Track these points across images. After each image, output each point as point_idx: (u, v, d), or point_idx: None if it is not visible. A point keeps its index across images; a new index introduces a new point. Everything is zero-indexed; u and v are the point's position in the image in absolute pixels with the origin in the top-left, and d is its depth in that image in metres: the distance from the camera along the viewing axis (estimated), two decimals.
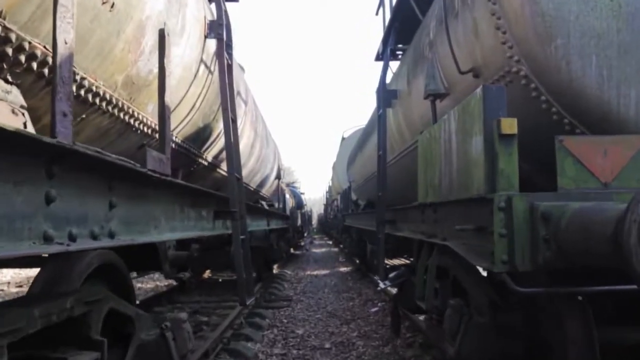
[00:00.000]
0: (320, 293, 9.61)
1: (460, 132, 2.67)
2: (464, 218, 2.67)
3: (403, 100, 5.30)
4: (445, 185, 2.98)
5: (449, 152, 2.90)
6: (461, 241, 2.80)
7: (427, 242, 3.63)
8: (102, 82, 2.48)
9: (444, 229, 3.20)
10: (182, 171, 4.51)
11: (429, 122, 4.17)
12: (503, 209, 2.15)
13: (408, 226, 4.59)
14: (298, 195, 23.95)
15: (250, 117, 6.36)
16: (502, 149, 2.19)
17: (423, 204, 3.68)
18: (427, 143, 3.50)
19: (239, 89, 5.31)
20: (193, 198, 2.92)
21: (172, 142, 3.81)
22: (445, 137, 2.99)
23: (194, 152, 4.48)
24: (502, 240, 2.14)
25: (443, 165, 3.03)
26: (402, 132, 5.70)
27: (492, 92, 2.29)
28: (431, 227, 3.56)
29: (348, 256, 16.40)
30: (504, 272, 2.13)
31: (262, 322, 6.84)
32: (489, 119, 2.27)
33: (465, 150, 2.57)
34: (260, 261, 10.16)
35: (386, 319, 6.83)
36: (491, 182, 2.24)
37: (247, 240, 3.87)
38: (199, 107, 3.95)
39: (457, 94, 3.63)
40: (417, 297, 3.66)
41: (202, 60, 3.71)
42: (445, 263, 3.39)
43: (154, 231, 2.16)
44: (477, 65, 3.12)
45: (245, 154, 6.50)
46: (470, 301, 2.89)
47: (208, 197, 3.31)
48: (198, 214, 3.03)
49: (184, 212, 2.68)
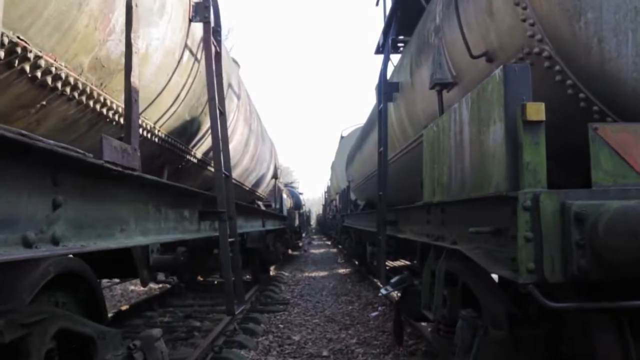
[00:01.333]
0: (318, 296, 9.29)
1: (474, 121, 2.35)
2: (478, 219, 2.35)
3: (405, 94, 4.98)
4: (456, 183, 2.66)
5: (460, 146, 2.58)
6: (474, 245, 2.48)
7: (434, 246, 3.31)
8: (64, 63, 2.15)
9: (454, 231, 2.88)
10: (169, 168, 4.18)
11: (434, 116, 3.85)
12: (529, 209, 1.82)
13: (411, 227, 4.27)
14: (296, 195, 23.62)
15: (243, 113, 6.03)
16: (527, 139, 1.87)
17: (429, 204, 3.36)
18: (433, 137, 3.17)
19: (231, 81, 4.99)
20: (173, 197, 2.60)
21: (155, 135, 3.49)
22: (455, 129, 2.67)
23: (181, 148, 4.15)
24: (527, 246, 1.82)
25: (453, 161, 2.71)
26: (404, 128, 5.37)
27: (515, 72, 1.97)
28: (438, 228, 3.24)
29: (347, 257, 16.08)
30: (530, 284, 1.81)
31: (257, 328, 6.52)
32: (511, 104, 1.94)
33: (480, 142, 2.25)
34: (256, 263, 9.85)
35: (387, 325, 6.51)
36: (514, 178, 1.92)
37: (237, 243, 3.55)
38: (184, 98, 3.63)
39: (467, 83, 3.31)
40: (423, 306, 3.34)
41: (187, 46, 3.38)
42: (454, 269, 3.07)
43: (119, 235, 1.84)
44: (491, 49, 2.79)
45: (238, 151, 6.18)
46: (484, 312, 2.57)
47: (192, 196, 2.98)
48: (179, 215, 2.71)
49: (160, 213, 2.35)
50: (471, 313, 2.55)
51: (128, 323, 6.99)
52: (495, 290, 2.68)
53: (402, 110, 5.23)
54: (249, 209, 5.92)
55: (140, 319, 7.32)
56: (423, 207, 3.64)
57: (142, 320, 7.27)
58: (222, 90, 3.76)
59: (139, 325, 6.89)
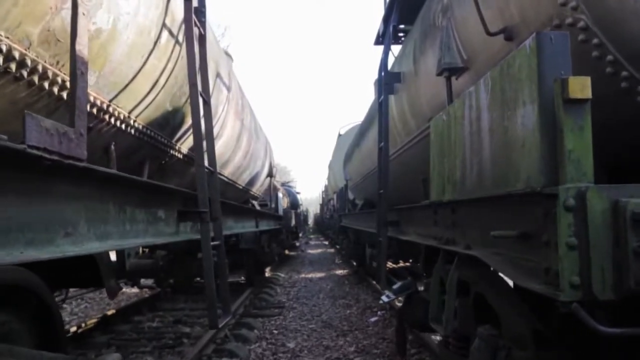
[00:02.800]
0: (314, 299, 8.92)
1: (495, 105, 1.99)
2: (499, 221, 1.99)
3: (408, 84, 4.61)
4: (471, 179, 2.30)
5: (476, 135, 2.22)
6: (493, 251, 2.12)
7: (443, 250, 2.95)
8: (3, 32, 1.78)
9: (467, 234, 2.52)
10: (150, 164, 3.81)
11: (440, 107, 3.49)
12: (572, 209, 1.46)
13: (415, 229, 3.91)
14: (293, 195, 23.23)
15: (234, 107, 5.66)
16: (569, 121, 1.51)
17: (437, 203, 3.00)
18: (443, 127, 2.81)
19: (220, 71, 4.62)
20: (143, 194, 2.23)
21: (131, 126, 3.12)
22: (471, 116, 2.31)
23: (163, 142, 3.78)
24: (571, 255, 1.46)
25: (467, 153, 2.35)
26: (406, 122, 5.01)
27: (551, 41, 1.61)
28: (447, 230, 2.88)
29: (345, 258, 15.72)
30: (574, 302, 1.45)
31: (250, 334, 6.15)
32: (546, 80, 1.59)
33: (504, 129, 1.89)
34: (250, 265, 9.48)
35: (387, 331, 6.15)
36: (551, 171, 1.56)
37: (223, 247, 3.18)
38: (164, 85, 3.26)
39: (480, 67, 2.95)
40: (431, 318, 2.98)
41: (166, 25, 3.01)
42: (466, 277, 2.72)
43: (62, 241, 1.48)
44: (510, 24, 2.43)
45: (229, 147, 5.81)
46: (505, 329, 2.21)
47: (169, 194, 2.62)
48: (152, 216, 2.34)
49: (125, 213, 1.99)
50: (490, 330, 2.19)
51: (114, 329, 6.63)
52: (517, 304, 2.32)
53: (404, 103, 4.86)
54: (239, 209, 5.55)
55: (127, 325, 6.95)
56: (429, 206, 3.28)
57: (129, 325, 6.90)
58: (207, 78, 3.39)
59: (125, 331, 6.53)
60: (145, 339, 6.16)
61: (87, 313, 8.32)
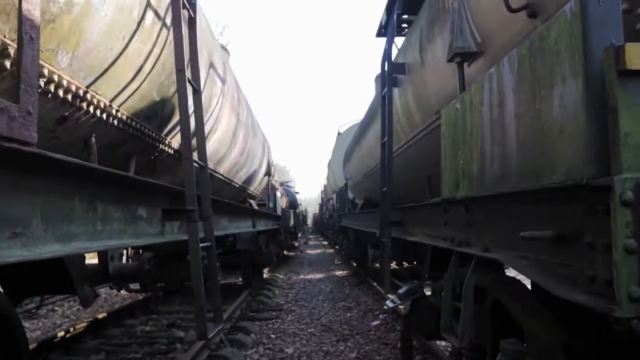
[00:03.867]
0: (314, 301, 8.65)
1: (524, 85, 1.72)
2: (531, 219, 1.72)
3: (414, 75, 4.34)
4: (492, 172, 2.03)
5: (499, 122, 1.95)
6: (518, 254, 1.85)
7: (456, 253, 2.69)
8: None
9: (485, 235, 2.26)
10: (137, 159, 3.54)
11: (449, 97, 3.22)
12: (630, 204, 1.20)
13: (422, 229, 3.64)
14: (292, 194, 22.95)
15: (230, 100, 5.38)
16: (625, 98, 1.24)
17: (448, 200, 2.73)
18: (456, 117, 2.54)
19: (213, 61, 4.35)
20: (119, 189, 1.96)
21: (113, 117, 2.85)
22: (491, 101, 2.04)
23: (152, 135, 3.50)
24: (630, 261, 1.19)
25: (487, 144, 2.08)
26: (410, 116, 4.74)
27: (599, 3, 1.34)
28: (461, 231, 2.61)
29: (344, 259, 15.45)
30: (635, 319, 1.18)
31: (246, 339, 5.88)
32: (594, 49, 1.32)
33: (536, 112, 1.62)
34: (247, 266, 9.21)
35: (390, 336, 5.89)
36: (601, 158, 1.29)
37: (214, 249, 2.91)
38: (149, 72, 2.98)
39: (496, 51, 2.68)
40: (443, 328, 2.70)
41: (151, 5, 2.74)
42: (482, 282, 2.45)
43: (7, 243, 1.21)
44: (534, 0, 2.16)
45: (225, 143, 5.54)
46: (531, 343, 1.95)
47: (151, 190, 2.34)
48: (130, 214, 2.07)
49: (95, 211, 1.71)
50: (516, 345, 1.92)
51: (104, 333, 6.36)
52: (542, 313, 2.05)
53: (409, 96, 4.59)
54: (234, 208, 5.27)
55: (119, 329, 6.68)
56: (439, 204, 3.01)
57: (121, 329, 6.63)
58: (197, 65, 3.12)
59: (116, 335, 6.26)
60: (137, 344, 5.89)
61: (79, 316, 8.04)
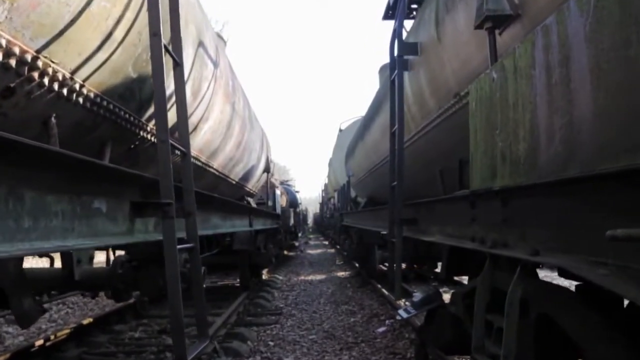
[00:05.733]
0: (315, 304, 8.18)
1: (609, 28, 1.26)
2: (614, 212, 1.26)
3: (428, 55, 3.87)
4: (550, 152, 1.56)
5: (562, 85, 1.48)
6: (592, 259, 1.39)
7: (492, 257, 2.22)
8: None
9: (531, 234, 1.79)
10: (113, 147, 3.08)
11: (472, 76, 2.76)
12: None
13: (441, 228, 3.17)
14: (292, 193, 22.48)
15: (224, 87, 4.91)
16: None
17: (478, 193, 2.27)
18: (491, 89, 2.08)
19: (203, 40, 3.87)
20: (63, 174, 1.49)
21: (77, 93, 2.39)
22: (548, 60, 1.57)
23: (129, 119, 3.04)
24: None
25: (541, 115, 1.61)
26: (423, 103, 4.27)
27: None
28: (494, 229, 2.15)
29: (346, 259, 14.98)
30: None
31: (242, 347, 5.42)
32: None
33: (633, 60, 1.15)
34: (245, 267, 8.74)
35: (398, 344, 5.42)
36: None
37: (197, 251, 2.44)
38: (122, 41, 2.52)
39: (537, 12, 2.22)
40: (475, 347, 2.23)
41: None
42: (525, 292, 1.99)
43: None
44: None
45: (218, 133, 5.06)
46: None
47: (114, 178, 1.88)
48: (82, 207, 1.60)
49: (21, 201, 1.25)
50: None
51: (90, 340, 5.89)
52: (614, 336, 1.59)
53: (422, 79, 4.13)
54: (228, 205, 4.80)
55: (106, 335, 6.21)
56: (465, 198, 2.55)
57: (108, 336, 6.16)
58: (179, 34, 2.65)
59: (102, 343, 5.79)
60: (124, 352, 5.42)
61: (67, 320, 7.58)
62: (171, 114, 2.93)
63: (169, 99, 3.22)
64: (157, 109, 2.17)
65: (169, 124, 2.96)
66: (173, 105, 2.89)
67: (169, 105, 3.24)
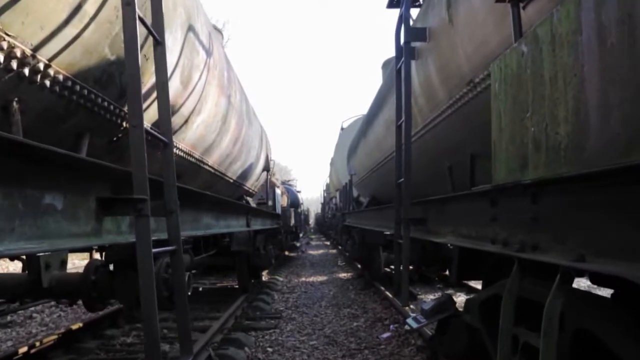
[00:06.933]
0: (316, 307, 7.88)
1: None
2: None
3: (438, 41, 3.57)
4: (605, 134, 1.26)
5: (620, 50, 1.18)
6: None
7: (520, 262, 1.91)
8: None
9: (572, 236, 1.49)
10: (92, 139, 2.78)
11: (488, 59, 2.47)
12: None
13: (454, 228, 2.87)
14: (293, 193, 22.18)
15: (218, 77, 4.61)
16: None
17: (502, 188, 1.96)
18: (520, 65, 1.77)
19: (193, 24, 3.57)
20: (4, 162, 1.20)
21: (44, 75, 2.09)
22: (601, 21, 1.26)
23: (108, 108, 2.74)
24: None
25: (592, 89, 1.31)
26: (432, 94, 3.97)
27: None
28: (521, 230, 1.85)
29: (348, 260, 14.66)
30: None
31: (239, 355, 5.12)
32: None
33: None
34: (243, 269, 8.44)
35: (403, 351, 5.11)
36: None
37: (181, 254, 2.14)
38: (94, 16, 2.22)
39: None
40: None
41: None
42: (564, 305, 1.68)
43: None
44: None
45: (213, 128, 4.76)
46: None
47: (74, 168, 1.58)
48: (23, 202, 1.31)
49: None
50: None
51: (79, 346, 5.59)
52: None
53: (431, 68, 3.82)
54: (223, 203, 4.49)
55: (97, 341, 5.92)
56: (484, 195, 2.24)
57: (99, 342, 5.87)
58: (160, 9, 2.35)
59: (92, 349, 5.50)
60: (114, 359, 5.14)
61: (59, 324, 7.29)
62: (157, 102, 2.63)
63: (152, 87, 2.92)
64: (130, 90, 1.87)
65: (156, 115, 2.68)
66: (155, 92, 2.58)
67: (153, 93, 2.94)
